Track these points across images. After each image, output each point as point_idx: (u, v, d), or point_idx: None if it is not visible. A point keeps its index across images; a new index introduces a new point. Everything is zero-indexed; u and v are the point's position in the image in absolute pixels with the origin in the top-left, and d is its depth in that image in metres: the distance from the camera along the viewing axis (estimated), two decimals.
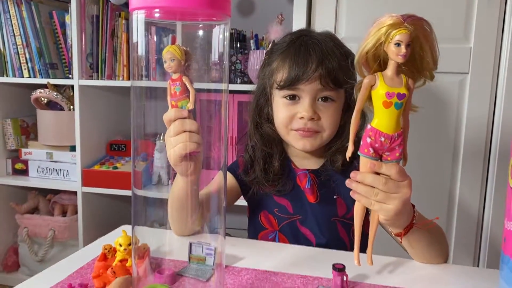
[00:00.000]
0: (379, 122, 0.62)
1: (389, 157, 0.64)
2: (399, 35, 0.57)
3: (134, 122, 0.61)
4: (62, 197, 2.03)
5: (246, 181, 0.97)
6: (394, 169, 0.63)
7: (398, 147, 0.63)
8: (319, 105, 0.90)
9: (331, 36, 0.94)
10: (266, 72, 0.95)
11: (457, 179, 1.50)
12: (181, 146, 0.69)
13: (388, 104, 0.60)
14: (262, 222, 0.99)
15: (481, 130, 1.46)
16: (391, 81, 0.60)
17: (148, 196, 0.74)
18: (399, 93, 0.60)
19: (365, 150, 0.63)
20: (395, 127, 0.61)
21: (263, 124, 0.97)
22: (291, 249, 0.87)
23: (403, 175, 0.64)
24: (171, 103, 0.71)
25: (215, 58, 0.59)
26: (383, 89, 0.60)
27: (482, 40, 1.42)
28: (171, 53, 0.67)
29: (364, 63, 0.62)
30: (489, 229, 1.49)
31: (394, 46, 0.58)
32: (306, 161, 0.98)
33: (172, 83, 0.69)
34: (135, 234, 0.68)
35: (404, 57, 0.58)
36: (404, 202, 0.65)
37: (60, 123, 1.92)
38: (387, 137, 0.62)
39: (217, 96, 0.68)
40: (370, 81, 0.61)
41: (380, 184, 0.63)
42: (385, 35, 0.58)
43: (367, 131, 0.63)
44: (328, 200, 0.94)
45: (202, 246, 0.73)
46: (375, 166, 0.63)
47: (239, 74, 1.80)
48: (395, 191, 0.64)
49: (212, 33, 0.58)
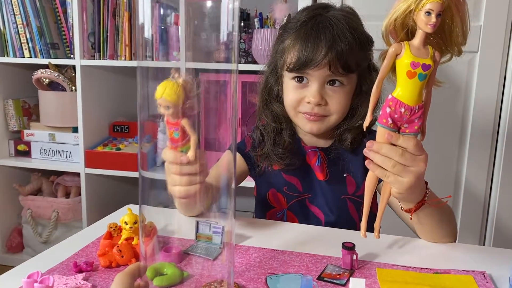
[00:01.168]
0: (401, 92, 0.60)
1: (408, 129, 0.63)
2: (431, 3, 0.55)
3: (140, 103, 0.57)
4: (65, 178, 2.02)
5: (254, 158, 0.96)
6: (412, 142, 0.62)
7: (417, 120, 0.62)
8: (327, 89, 0.87)
9: (348, 15, 0.89)
10: (278, 49, 0.92)
11: (464, 160, 1.49)
12: (181, 192, 0.64)
13: (412, 74, 0.59)
14: (270, 200, 0.97)
15: (489, 110, 1.44)
16: (417, 51, 0.59)
17: (155, 178, 0.70)
18: (425, 64, 0.58)
19: (383, 120, 0.62)
20: (416, 99, 0.60)
21: (272, 102, 0.95)
22: (299, 228, 0.86)
23: (420, 149, 0.63)
24: (170, 145, 0.62)
25: (224, 37, 0.55)
26: (409, 58, 0.58)
27: (492, 18, 1.39)
28: (165, 101, 0.56)
29: (391, 31, 0.60)
30: (495, 211, 1.48)
31: (424, 14, 0.56)
32: (315, 139, 0.96)
33: (169, 125, 0.60)
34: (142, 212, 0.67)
35: (433, 27, 0.56)
36: (419, 177, 0.64)
37: (62, 104, 1.90)
38: (407, 109, 0.60)
39: (225, 76, 0.62)
40: (395, 50, 0.59)
41: (397, 155, 0.62)
42: (416, 2, 0.56)
43: (387, 101, 0.62)
44: (338, 178, 0.93)
45: (209, 225, 0.72)
46: (392, 137, 0.62)
47: (243, 54, 1.77)
48: (411, 164, 0.63)
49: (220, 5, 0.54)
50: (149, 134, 1.70)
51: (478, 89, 1.44)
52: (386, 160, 0.63)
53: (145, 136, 0.76)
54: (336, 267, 0.69)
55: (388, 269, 0.69)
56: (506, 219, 1.48)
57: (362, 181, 0.92)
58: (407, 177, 0.63)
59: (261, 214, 0.99)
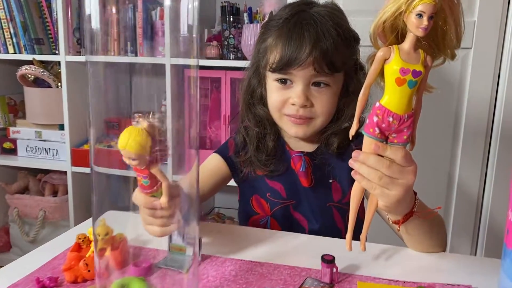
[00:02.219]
0: (389, 100, 0.56)
1: (396, 139, 0.58)
2: (422, 4, 0.52)
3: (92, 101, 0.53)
4: (53, 176, 1.98)
5: (237, 163, 0.92)
6: (400, 153, 0.58)
7: (406, 130, 0.58)
8: (312, 90, 0.83)
9: (332, 11, 0.85)
10: (261, 49, 0.88)
11: (457, 159, 1.45)
12: (156, 232, 0.61)
13: (402, 82, 0.55)
14: (254, 206, 0.94)
15: (483, 108, 1.40)
16: (407, 56, 0.55)
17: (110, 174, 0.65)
18: (415, 70, 0.54)
19: (370, 130, 0.58)
20: (406, 107, 0.56)
21: (256, 105, 0.90)
22: (280, 236, 0.83)
23: (409, 160, 0.59)
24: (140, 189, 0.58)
25: (184, 31, 0.52)
26: (398, 64, 0.54)
27: (486, 13, 1.34)
28: (128, 153, 0.51)
29: (380, 34, 0.57)
30: (488, 211, 1.45)
31: (415, 17, 0.52)
32: (301, 143, 0.92)
33: (137, 172, 0.55)
34: (107, 224, 0.63)
35: (425, 30, 0.52)
36: (407, 189, 0.60)
37: (48, 101, 1.86)
38: (396, 118, 0.56)
39: (189, 72, 0.58)
40: (384, 54, 0.56)
41: (384, 167, 0.58)
42: (406, 3, 0.52)
43: (374, 109, 0.57)
44: (323, 185, 0.89)
45: (183, 235, 0.69)
46: (379, 148, 0.58)
47: (232, 49, 1.73)
48: (399, 176, 0.59)
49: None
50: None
51: (471, 86, 1.40)
52: (372, 172, 0.59)
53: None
54: (315, 280, 0.65)
55: (370, 282, 0.66)
56: (499, 219, 1.45)
57: (348, 187, 0.89)
58: (394, 190, 0.59)
59: (244, 220, 0.95)
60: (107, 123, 2.03)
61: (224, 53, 1.74)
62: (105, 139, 2.05)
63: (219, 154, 0.94)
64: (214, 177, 0.92)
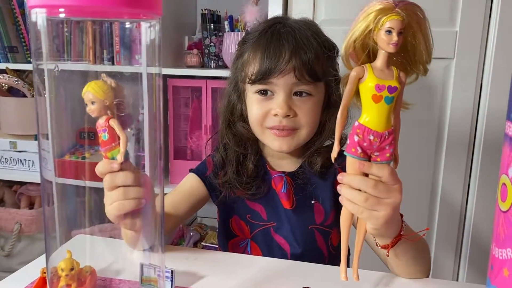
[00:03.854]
0: (368, 118, 0.56)
1: (379, 157, 0.57)
2: (390, 21, 0.52)
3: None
4: (29, 188, 1.92)
5: (216, 185, 0.88)
6: (386, 170, 0.57)
7: (388, 147, 0.56)
8: (295, 100, 0.81)
9: (309, 23, 0.84)
10: (238, 65, 0.85)
11: (440, 170, 1.44)
12: (115, 206, 0.60)
13: (378, 98, 0.54)
14: (233, 228, 0.91)
15: (466, 118, 1.39)
16: (381, 73, 0.55)
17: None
18: (390, 86, 0.54)
19: (352, 150, 0.57)
20: (385, 124, 0.56)
21: (236, 123, 0.87)
22: (260, 262, 0.80)
23: (395, 178, 0.58)
24: (102, 153, 0.60)
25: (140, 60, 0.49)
26: (373, 81, 0.54)
27: (468, 23, 1.33)
28: (90, 94, 0.56)
29: (351, 54, 0.56)
30: (472, 220, 1.44)
31: (385, 33, 0.53)
32: (282, 162, 0.89)
33: (98, 129, 0.58)
34: (73, 260, 0.60)
35: (395, 46, 0.53)
36: (394, 209, 0.58)
37: (23, 110, 1.80)
38: (376, 135, 0.55)
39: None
40: (358, 74, 0.55)
41: (370, 187, 0.56)
42: (375, 21, 0.53)
43: (354, 129, 0.57)
44: (305, 206, 0.86)
45: (154, 268, 0.65)
46: (364, 166, 0.56)
47: (213, 57, 1.69)
48: (386, 196, 0.57)
49: (141, 33, 0.48)
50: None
51: (454, 96, 1.39)
52: (358, 194, 0.57)
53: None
54: None
55: None
56: (482, 227, 1.44)
57: (330, 208, 0.86)
58: (382, 211, 0.57)
59: (224, 243, 0.92)
60: (80, 134, 1.94)
61: (205, 61, 1.70)
62: (77, 150, 1.97)
63: (196, 174, 0.90)
64: (190, 198, 0.89)
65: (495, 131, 1.36)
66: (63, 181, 0.76)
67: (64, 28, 0.49)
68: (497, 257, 0.52)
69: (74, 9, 0.36)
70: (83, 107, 1.08)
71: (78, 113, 1.48)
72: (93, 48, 1.69)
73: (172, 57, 1.71)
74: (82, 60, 0.63)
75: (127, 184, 0.59)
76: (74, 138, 1.93)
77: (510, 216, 0.48)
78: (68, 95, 1.65)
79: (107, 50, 1.63)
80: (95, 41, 0.65)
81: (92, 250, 0.79)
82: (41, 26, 0.41)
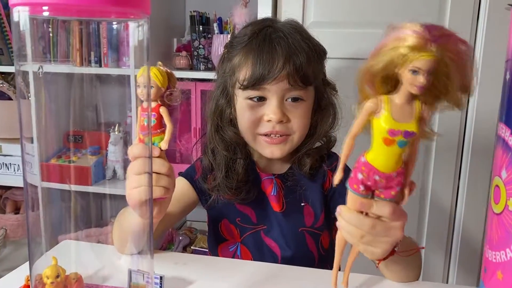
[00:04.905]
0: (375, 158, 0.49)
1: (382, 194, 0.52)
2: (419, 61, 0.43)
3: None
4: (15, 192, 1.89)
5: (205, 189, 0.87)
6: (387, 209, 0.52)
7: (396, 185, 0.51)
8: (287, 105, 0.80)
9: (298, 27, 0.83)
10: (227, 69, 0.84)
11: (430, 173, 1.44)
12: (143, 190, 0.58)
13: (390, 142, 0.48)
14: (223, 232, 0.89)
15: (454, 120, 1.40)
16: (399, 111, 0.47)
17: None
18: (407, 131, 0.47)
19: (354, 186, 0.52)
20: (394, 166, 0.49)
21: (225, 127, 0.85)
22: (251, 266, 0.78)
23: (398, 215, 0.53)
24: (139, 136, 0.59)
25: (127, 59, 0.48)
26: (387, 123, 0.47)
27: (456, 24, 1.34)
28: (149, 79, 0.56)
29: (369, 83, 0.49)
30: (461, 222, 1.45)
31: (410, 72, 0.44)
32: (272, 164, 0.88)
33: (143, 112, 0.58)
34: (59, 266, 0.58)
35: (421, 89, 0.45)
36: (392, 244, 0.56)
37: (8, 114, 1.77)
38: (383, 177, 0.50)
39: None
40: (372, 107, 0.48)
41: (367, 228, 0.53)
42: (401, 57, 0.44)
43: (359, 165, 0.51)
44: (295, 209, 0.86)
45: (142, 274, 0.64)
46: (364, 205, 0.52)
47: (202, 60, 1.68)
48: (384, 234, 0.54)
49: (128, 34, 0.46)
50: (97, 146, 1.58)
51: None
52: (355, 230, 0.54)
53: (91, 148, 0.70)
54: None
55: None
56: (472, 229, 1.45)
57: (320, 211, 0.86)
58: (379, 248, 0.55)
59: (214, 247, 0.91)
60: (67, 137, 1.91)
61: (194, 63, 1.69)
62: (64, 153, 1.93)
63: (185, 178, 0.89)
64: (179, 202, 0.87)
65: (484, 133, 1.37)
66: (48, 185, 0.75)
67: (48, 28, 0.47)
68: (490, 260, 0.51)
69: (58, 7, 0.35)
70: (69, 109, 1.07)
71: (64, 115, 1.46)
72: (80, 49, 1.67)
73: (161, 59, 1.69)
74: (68, 61, 0.62)
75: (162, 172, 0.61)
76: (61, 141, 1.90)
77: (504, 218, 0.48)
78: (54, 97, 1.63)
79: (94, 52, 1.61)
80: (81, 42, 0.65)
81: (78, 256, 0.77)
82: (24, 25, 0.40)
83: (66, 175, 1.70)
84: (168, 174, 0.62)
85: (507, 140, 0.47)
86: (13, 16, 0.39)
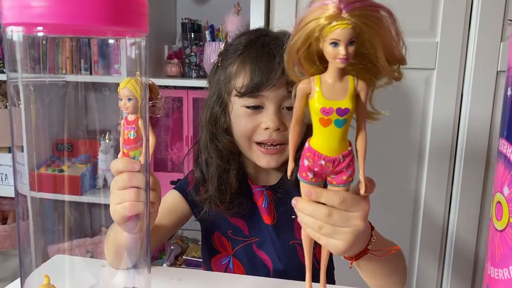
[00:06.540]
0: (317, 142, 0.48)
1: (334, 180, 0.50)
2: (334, 32, 0.42)
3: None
4: (2, 202, 1.86)
5: (197, 201, 0.86)
6: (337, 198, 0.49)
7: (346, 169, 0.49)
8: (284, 114, 0.79)
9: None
10: (221, 76, 0.82)
11: (423, 180, 1.44)
12: (125, 206, 0.58)
13: (326, 122, 0.46)
14: (215, 244, 0.88)
15: (447, 129, 1.40)
16: (330, 89, 0.45)
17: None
18: (340, 108, 0.45)
19: (303, 174, 0.50)
20: (338, 148, 0.47)
21: (219, 136, 0.84)
22: (245, 281, 0.77)
23: (353, 204, 0.51)
24: (123, 150, 0.59)
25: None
26: (319, 102, 0.45)
27: (448, 34, 1.35)
28: (128, 91, 0.55)
29: (297, 63, 0.46)
30: (454, 230, 1.45)
31: (330, 46, 0.43)
32: (262, 174, 0.87)
33: (126, 125, 0.58)
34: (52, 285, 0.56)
35: (344, 61, 0.43)
36: (356, 236, 0.52)
37: None
38: (328, 160, 0.48)
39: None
40: (305, 88, 0.46)
41: (323, 217, 0.50)
42: (318, 29, 0.42)
43: (304, 151, 0.49)
44: (286, 221, 0.85)
45: None
46: (312, 194, 0.50)
47: (194, 67, 1.67)
48: (344, 224, 0.51)
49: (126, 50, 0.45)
50: (87, 154, 1.55)
51: (435, 107, 1.40)
52: (313, 221, 0.51)
53: (82, 156, 0.69)
54: None
55: None
56: (465, 237, 1.45)
57: None
58: (341, 239, 0.52)
59: (207, 259, 0.90)
60: (57, 145, 1.88)
61: (186, 71, 1.68)
62: (54, 162, 1.90)
63: (178, 190, 0.87)
64: (172, 215, 0.85)
65: (477, 142, 1.38)
66: (39, 195, 0.73)
67: (42, 45, 0.46)
68: (492, 277, 0.50)
69: (54, 27, 0.33)
70: (59, 117, 1.05)
71: (54, 123, 1.43)
72: (70, 58, 1.64)
73: (152, 66, 1.68)
74: (59, 77, 0.61)
75: (142, 186, 0.59)
76: (51, 150, 1.87)
77: (506, 235, 0.48)
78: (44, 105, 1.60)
79: (88, 69, 1.59)
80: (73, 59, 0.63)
81: (72, 272, 0.76)
82: (17, 43, 0.38)
83: (56, 184, 1.67)
84: (153, 188, 0.61)
85: (509, 156, 0.47)
86: (6, 34, 0.38)
